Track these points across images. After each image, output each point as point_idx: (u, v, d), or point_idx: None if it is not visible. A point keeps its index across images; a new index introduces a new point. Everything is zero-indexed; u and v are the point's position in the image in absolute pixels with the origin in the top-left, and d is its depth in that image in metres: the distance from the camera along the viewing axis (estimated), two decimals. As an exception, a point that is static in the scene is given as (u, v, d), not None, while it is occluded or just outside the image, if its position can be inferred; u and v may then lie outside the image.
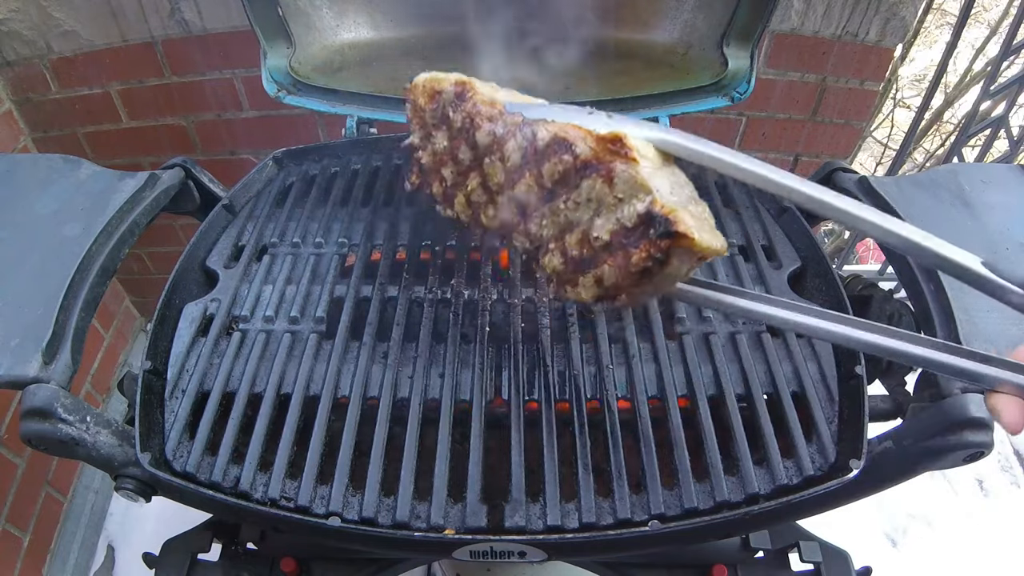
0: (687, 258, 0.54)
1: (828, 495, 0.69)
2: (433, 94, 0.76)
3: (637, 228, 0.54)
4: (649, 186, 0.54)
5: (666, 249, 0.53)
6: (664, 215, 0.52)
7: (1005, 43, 1.69)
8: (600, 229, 0.57)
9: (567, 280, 0.62)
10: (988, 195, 0.91)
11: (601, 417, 0.78)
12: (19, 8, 1.51)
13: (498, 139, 0.66)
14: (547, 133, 0.61)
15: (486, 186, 0.69)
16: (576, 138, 0.59)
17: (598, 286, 0.59)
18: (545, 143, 0.61)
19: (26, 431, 0.69)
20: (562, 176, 0.60)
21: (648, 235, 0.53)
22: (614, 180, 0.56)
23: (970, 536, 1.88)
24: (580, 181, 0.58)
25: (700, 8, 1.14)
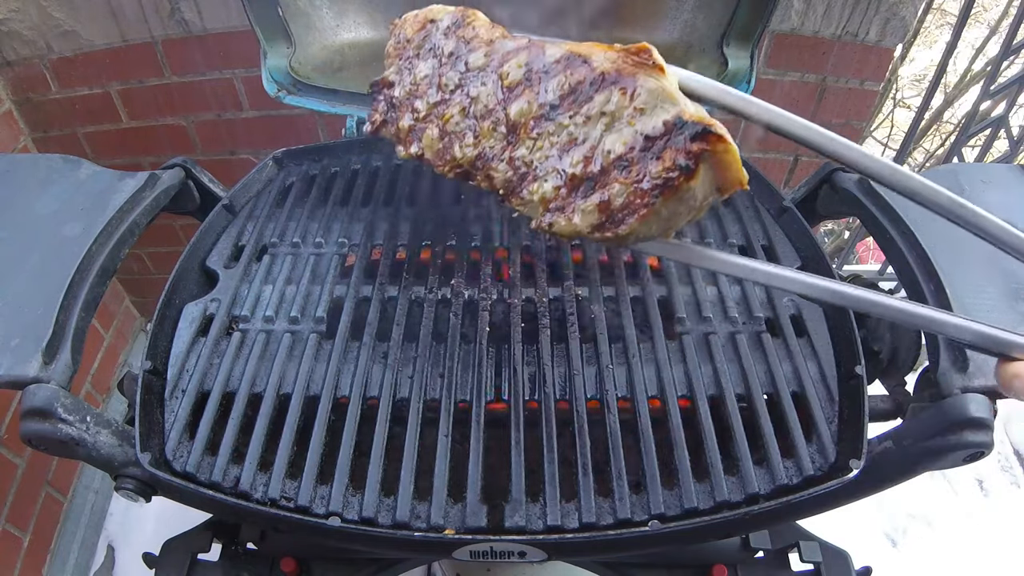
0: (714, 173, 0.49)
1: (828, 495, 0.69)
2: (424, 23, 0.71)
3: (660, 138, 0.49)
4: (677, 97, 0.51)
5: (698, 154, 0.47)
6: (696, 120, 0.48)
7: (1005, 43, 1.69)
8: (613, 143, 0.52)
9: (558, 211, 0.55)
10: (988, 195, 0.91)
11: (601, 417, 0.78)
12: (19, 8, 1.51)
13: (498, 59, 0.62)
14: (559, 49, 0.58)
15: (467, 113, 0.63)
16: (592, 52, 0.55)
17: (601, 211, 0.52)
18: (555, 58, 0.58)
19: (26, 431, 0.69)
20: (571, 89, 0.55)
21: (672, 144, 0.48)
22: (636, 91, 0.51)
23: (970, 536, 1.88)
24: (593, 95, 0.54)
25: (700, 8, 1.14)
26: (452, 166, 0.64)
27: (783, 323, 0.86)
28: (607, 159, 0.52)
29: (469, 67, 0.64)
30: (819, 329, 0.86)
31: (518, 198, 0.59)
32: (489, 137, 0.61)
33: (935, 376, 0.72)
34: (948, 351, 0.73)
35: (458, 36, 0.67)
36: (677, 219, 0.53)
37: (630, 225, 0.51)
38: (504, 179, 0.60)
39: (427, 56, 0.69)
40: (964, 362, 0.71)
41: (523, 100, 0.59)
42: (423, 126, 0.67)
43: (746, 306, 0.89)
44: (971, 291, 0.77)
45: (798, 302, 0.89)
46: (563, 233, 0.55)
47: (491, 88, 0.62)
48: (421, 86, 0.68)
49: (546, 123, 0.57)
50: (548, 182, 0.56)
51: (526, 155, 0.58)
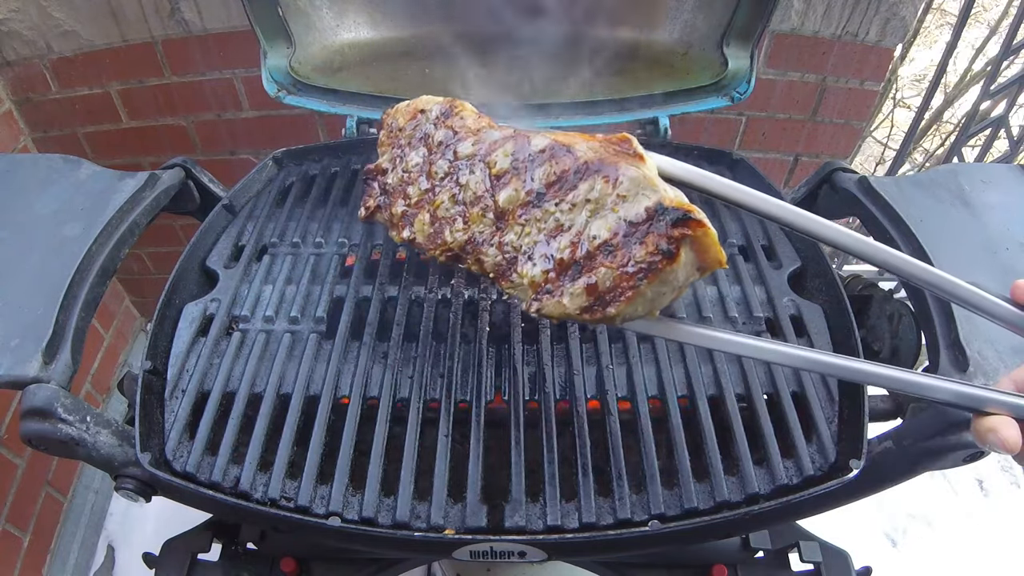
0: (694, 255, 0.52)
1: (828, 495, 0.69)
2: (415, 113, 0.75)
3: (643, 224, 0.52)
4: (657, 184, 0.53)
5: (679, 239, 0.50)
6: (676, 206, 0.51)
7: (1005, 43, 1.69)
8: (599, 229, 0.54)
9: (548, 294, 0.58)
10: (988, 195, 0.91)
11: (601, 417, 0.78)
12: (19, 8, 1.51)
13: (485, 148, 0.65)
14: (544, 139, 0.61)
15: (457, 200, 0.67)
16: (575, 142, 0.58)
17: (589, 293, 0.54)
18: (540, 148, 0.60)
19: (26, 431, 0.69)
20: (557, 178, 0.58)
21: (654, 230, 0.51)
22: (619, 179, 0.54)
23: (970, 536, 1.88)
24: (577, 183, 0.56)
25: (700, 8, 1.14)
26: (443, 250, 0.67)
27: (783, 323, 0.86)
28: (593, 244, 0.55)
29: (458, 156, 0.67)
30: (819, 329, 0.86)
31: (507, 281, 0.61)
32: (478, 223, 0.64)
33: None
34: (948, 351, 0.73)
35: (447, 126, 0.71)
36: (661, 299, 0.55)
37: (618, 307, 0.53)
38: (494, 263, 0.62)
39: (418, 145, 0.72)
40: (964, 362, 0.71)
41: (510, 188, 0.61)
42: (415, 211, 0.69)
43: (746, 306, 0.89)
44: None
45: (798, 302, 0.89)
46: (552, 315, 0.57)
47: (479, 176, 0.64)
48: (412, 173, 0.71)
49: (533, 210, 0.59)
50: (536, 266, 0.58)
51: (514, 240, 0.61)
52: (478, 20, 1.22)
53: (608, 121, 1.18)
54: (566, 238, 0.57)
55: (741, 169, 1.11)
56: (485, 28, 1.23)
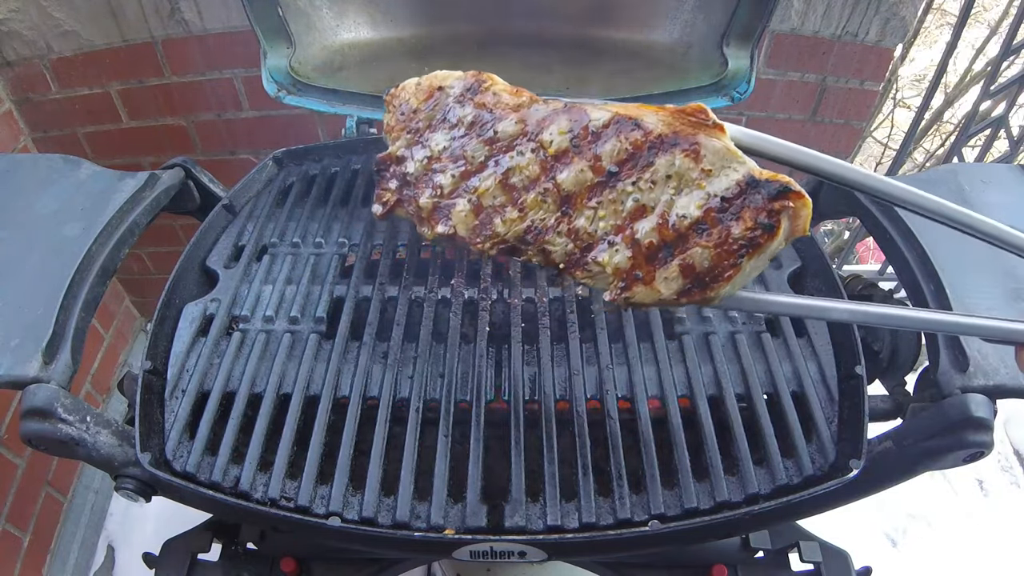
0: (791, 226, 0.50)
1: (828, 495, 0.69)
2: (431, 92, 0.67)
3: (736, 199, 0.49)
4: (741, 155, 0.51)
5: (779, 211, 0.48)
6: (770, 179, 0.48)
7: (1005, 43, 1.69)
8: (687, 207, 0.51)
9: (637, 279, 0.53)
10: (988, 195, 0.91)
11: (601, 417, 0.78)
12: (19, 8, 1.51)
13: (533, 125, 0.58)
14: (604, 113, 0.55)
15: (507, 185, 0.59)
16: (643, 114, 0.54)
17: (685, 275, 0.51)
18: (603, 122, 0.55)
19: (26, 431, 0.69)
20: (629, 155, 0.53)
21: (749, 203, 0.49)
22: (700, 152, 0.50)
23: (970, 536, 1.88)
24: (653, 159, 0.52)
25: (700, 8, 1.14)
26: (495, 242, 0.59)
27: (783, 323, 0.86)
28: (683, 224, 0.51)
29: (499, 136, 0.60)
30: (819, 329, 0.86)
31: (583, 271, 0.56)
32: (537, 209, 0.57)
33: (935, 376, 0.72)
34: (948, 351, 0.73)
35: (476, 103, 0.63)
36: (754, 272, 0.53)
37: (718, 287, 0.51)
38: (564, 252, 0.57)
39: (440, 127, 0.64)
40: (964, 362, 0.71)
41: (574, 168, 0.56)
42: (450, 202, 0.62)
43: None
44: (971, 291, 0.77)
45: (798, 302, 0.89)
46: (644, 302, 0.53)
47: (531, 157, 0.58)
48: (441, 159, 0.63)
49: (606, 190, 0.54)
50: (620, 252, 0.54)
51: (586, 225, 0.55)
52: (478, 20, 1.22)
53: (608, 121, 1.18)
54: (651, 219, 0.52)
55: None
56: (485, 28, 1.23)
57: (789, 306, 0.56)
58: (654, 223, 0.52)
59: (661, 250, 0.52)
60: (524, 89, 0.64)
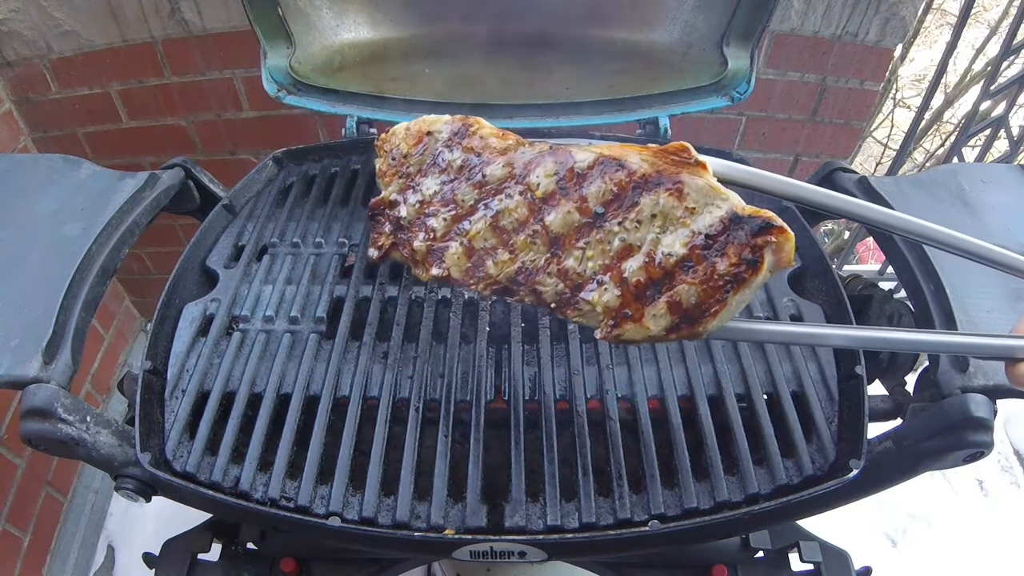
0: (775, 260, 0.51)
1: (828, 495, 0.69)
2: (420, 137, 0.68)
3: (720, 235, 0.51)
4: (724, 191, 0.52)
5: (762, 246, 0.49)
6: (752, 214, 0.50)
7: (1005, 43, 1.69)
8: (672, 245, 0.52)
9: (625, 318, 0.54)
10: (988, 195, 0.91)
11: (601, 417, 0.78)
12: (19, 8, 1.51)
13: (520, 168, 0.60)
14: (589, 154, 0.57)
15: (497, 227, 0.60)
16: (626, 154, 0.55)
17: (673, 312, 0.52)
18: (588, 164, 0.56)
19: (26, 431, 0.69)
20: (615, 196, 0.54)
21: (733, 239, 0.50)
22: (684, 190, 0.52)
23: (970, 536, 1.88)
24: (638, 199, 0.53)
25: (700, 8, 1.14)
26: (488, 283, 0.60)
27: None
28: (669, 261, 0.52)
29: (488, 180, 0.61)
30: (819, 329, 0.86)
31: (574, 310, 0.57)
32: (527, 250, 0.58)
33: (935, 376, 0.72)
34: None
35: (464, 147, 0.64)
36: (741, 306, 0.54)
37: (706, 323, 0.52)
38: (555, 292, 0.57)
39: (431, 171, 0.65)
40: (964, 362, 0.71)
41: (561, 210, 0.57)
42: (443, 245, 0.63)
43: (746, 306, 0.89)
44: (972, 291, 0.77)
45: (798, 302, 0.89)
46: (634, 339, 0.54)
47: (520, 200, 0.59)
48: (433, 203, 0.64)
49: (593, 231, 0.56)
50: (609, 291, 0.55)
51: (575, 266, 0.56)
52: (478, 20, 1.22)
53: (608, 121, 1.18)
54: (638, 258, 0.54)
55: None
56: (485, 28, 1.23)
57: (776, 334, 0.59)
58: (641, 262, 0.54)
59: (649, 288, 0.54)
60: (510, 132, 0.65)
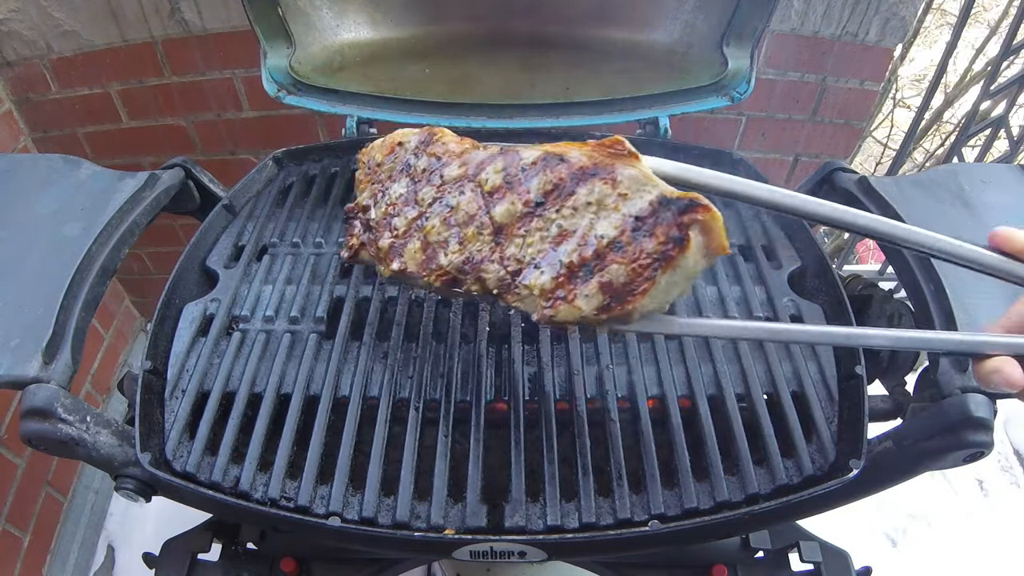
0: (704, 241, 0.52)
1: (828, 495, 0.69)
2: (392, 147, 0.74)
3: (649, 217, 0.53)
4: (655, 179, 0.54)
5: (688, 224, 0.51)
6: (679, 196, 0.51)
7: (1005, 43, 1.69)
8: (605, 228, 0.54)
9: (559, 299, 0.57)
10: (988, 195, 0.91)
11: (601, 417, 0.78)
12: (19, 8, 1.51)
13: (473, 168, 0.65)
14: (534, 152, 0.61)
15: (449, 223, 0.65)
16: (567, 149, 0.58)
17: (604, 292, 0.54)
18: (532, 160, 0.60)
19: (26, 431, 0.69)
20: (554, 187, 0.58)
21: (661, 221, 0.52)
22: (618, 178, 0.54)
23: (970, 536, 1.88)
24: (575, 188, 0.57)
25: (700, 8, 1.14)
26: (439, 274, 0.64)
27: (783, 323, 0.86)
28: (601, 244, 0.55)
29: (445, 180, 0.66)
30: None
31: (513, 294, 0.59)
32: (475, 241, 0.62)
33: (935, 376, 0.72)
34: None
35: (429, 153, 0.69)
36: (673, 289, 0.55)
37: (635, 301, 0.53)
38: (497, 278, 0.60)
39: (400, 176, 0.70)
40: (964, 362, 0.71)
41: (506, 202, 0.60)
42: (403, 242, 0.67)
43: (746, 306, 0.89)
44: (971, 290, 0.77)
45: (798, 302, 0.89)
46: (568, 320, 0.56)
47: (471, 196, 0.63)
48: (398, 205, 0.69)
49: (534, 220, 0.59)
50: (545, 274, 0.57)
51: (516, 252, 0.59)
52: (478, 20, 1.22)
53: (608, 121, 1.18)
54: (572, 242, 0.56)
55: (741, 169, 1.11)
56: (485, 28, 1.23)
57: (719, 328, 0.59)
58: (574, 245, 0.56)
59: (582, 270, 0.55)
60: (468, 138, 0.70)
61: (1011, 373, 0.49)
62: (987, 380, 0.51)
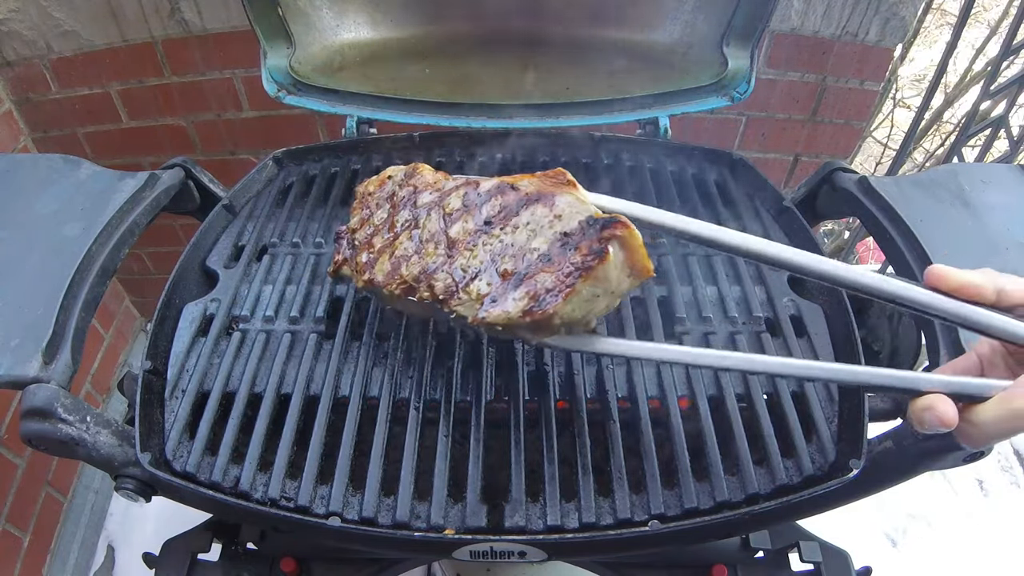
0: (624, 257, 0.58)
1: (828, 495, 0.69)
2: (383, 180, 0.84)
3: (576, 234, 0.60)
4: (588, 204, 0.62)
5: (607, 239, 0.57)
6: (603, 217, 0.59)
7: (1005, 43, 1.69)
8: (539, 244, 0.62)
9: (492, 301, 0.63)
10: (988, 195, 0.91)
11: (601, 417, 0.78)
12: (19, 8, 1.51)
13: (440, 196, 0.73)
14: (492, 181, 0.69)
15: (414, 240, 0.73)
16: (519, 179, 0.68)
17: (529, 297, 0.60)
18: (487, 188, 0.69)
19: (26, 431, 0.69)
20: (502, 209, 0.66)
21: (587, 237, 0.59)
22: (555, 203, 0.63)
23: (970, 536, 1.88)
24: (519, 211, 0.65)
25: (700, 8, 1.14)
26: (399, 283, 0.71)
27: (783, 323, 0.86)
28: (532, 255, 0.61)
29: (418, 205, 0.75)
30: (819, 329, 0.86)
31: (456, 299, 0.65)
32: (432, 256, 0.69)
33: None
34: (948, 351, 0.73)
35: (409, 184, 0.79)
36: (596, 302, 0.60)
37: (556, 305, 0.58)
38: (444, 286, 0.67)
39: (384, 204, 0.80)
40: (964, 362, 0.71)
41: (460, 222, 0.69)
42: (376, 257, 0.75)
43: (746, 306, 0.89)
44: (971, 291, 0.77)
45: (798, 302, 0.89)
46: (497, 321, 0.61)
47: (435, 218, 0.72)
48: (378, 228, 0.78)
49: (481, 237, 0.66)
50: (482, 281, 0.64)
51: (463, 263, 0.66)
52: (478, 20, 1.22)
53: (608, 121, 1.18)
54: (509, 254, 0.63)
55: (741, 169, 1.11)
56: (485, 28, 1.23)
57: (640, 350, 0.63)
58: (510, 257, 0.63)
59: (513, 278, 0.62)
60: (443, 172, 0.80)
61: (944, 411, 0.48)
62: (920, 418, 0.50)
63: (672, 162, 1.15)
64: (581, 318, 0.61)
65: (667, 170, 1.13)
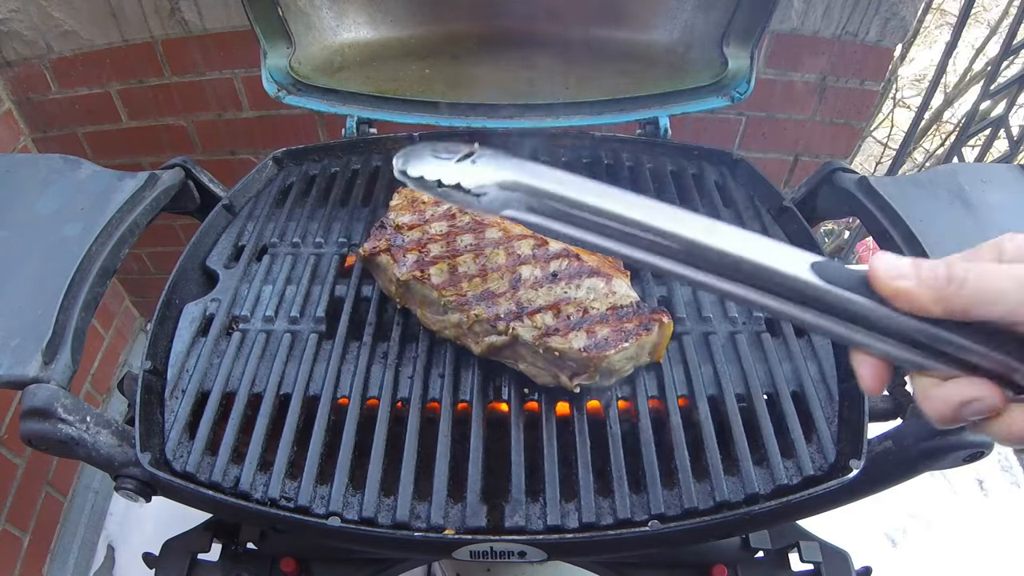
0: (656, 339, 0.77)
1: (828, 495, 0.69)
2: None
3: (629, 309, 0.77)
4: (634, 295, 0.80)
5: (656, 320, 0.76)
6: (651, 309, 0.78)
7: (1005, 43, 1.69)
8: (598, 305, 0.78)
9: (554, 332, 0.75)
10: (988, 195, 0.91)
11: (601, 417, 0.78)
12: (19, 8, 1.51)
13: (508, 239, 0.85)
14: (559, 246, 0.84)
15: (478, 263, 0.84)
16: (581, 252, 0.82)
17: (589, 336, 0.74)
18: (556, 252, 0.83)
19: (26, 431, 0.69)
20: (566, 269, 0.81)
21: (638, 314, 0.77)
22: (612, 282, 0.80)
23: (970, 536, 1.88)
24: (582, 278, 0.80)
25: (700, 8, 1.14)
26: (457, 294, 0.80)
27: (783, 323, 0.86)
28: (592, 312, 0.77)
29: (484, 239, 0.86)
30: (819, 329, 0.86)
31: (519, 321, 0.77)
32: (496, 281, 0.81)
33: (935, 376, 0.72)
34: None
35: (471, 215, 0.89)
36: (626, 364, 0.77)
37: (610, 353, 0.73)
38: (508, 309, 0.78)
39: (441, 219, 0.90)
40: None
41: (529, 267, 0.82)
42: (432, 262, 0.84)
43: (746, 306, 0.89)
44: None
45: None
46: (558, 348, 0.74)
47: (503, 254, 0.84)
48: (434, 237, 0.87)
49: (546, 284, 0.80)
50: (547, 316, 0.77)
51: (529, 297, 0.79)
52: (478, 20, 1.22)
53: (608, 121, 1.18)
54: (573, 304, 0.78)
55: (741, 169, 1.11)
56: (485, 28, 1.23)
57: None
58: (575, 306, 0.78)
59: (574, 321, 0.76)
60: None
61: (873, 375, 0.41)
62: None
63: (672, 162, 1.15)
64: (618, 369, 0.76)
65: (667, 170, 1.13)
